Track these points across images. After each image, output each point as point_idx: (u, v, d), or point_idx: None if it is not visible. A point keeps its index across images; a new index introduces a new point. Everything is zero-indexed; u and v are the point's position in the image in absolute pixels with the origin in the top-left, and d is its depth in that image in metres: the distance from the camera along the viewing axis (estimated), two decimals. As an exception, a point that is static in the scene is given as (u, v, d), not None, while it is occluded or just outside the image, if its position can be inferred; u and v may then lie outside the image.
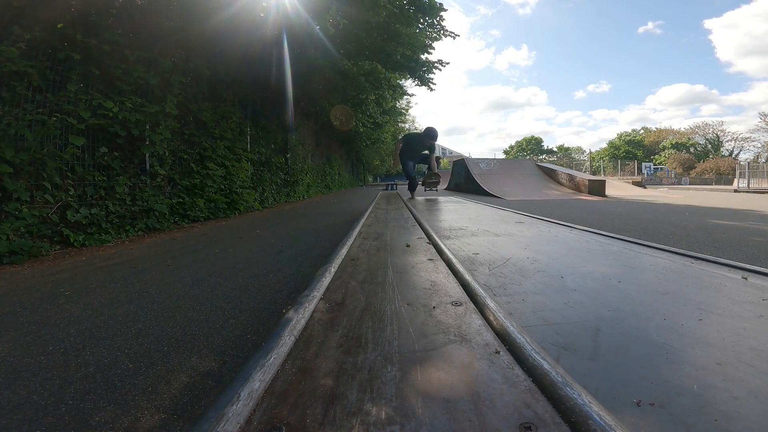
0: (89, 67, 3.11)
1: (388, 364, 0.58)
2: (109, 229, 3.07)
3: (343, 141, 17.25)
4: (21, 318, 1.37)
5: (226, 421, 0.43)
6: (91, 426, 0.77)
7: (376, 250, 1.49)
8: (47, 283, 1.85)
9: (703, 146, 46.91)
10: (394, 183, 18.46)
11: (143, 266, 2.18)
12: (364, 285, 1.01)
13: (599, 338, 0.72)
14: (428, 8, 6.82)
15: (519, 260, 1.39)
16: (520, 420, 0.44)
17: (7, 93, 2.53)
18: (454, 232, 2.12)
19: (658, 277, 1.13)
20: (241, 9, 4.60)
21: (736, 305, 0.88)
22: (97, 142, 3.19)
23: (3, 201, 2.42)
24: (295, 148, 8.88)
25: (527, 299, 0.96)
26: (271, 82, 6.44)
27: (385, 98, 10.39)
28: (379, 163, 37.09)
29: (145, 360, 1.05)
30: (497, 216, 3.03)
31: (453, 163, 15.85)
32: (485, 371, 0.55)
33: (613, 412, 0.44)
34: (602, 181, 9.95)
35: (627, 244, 1.63)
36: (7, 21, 2.59)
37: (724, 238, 2.84)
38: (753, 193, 12.86)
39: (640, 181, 18.72)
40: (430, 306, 0.83)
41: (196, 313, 1.41)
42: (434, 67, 8.31)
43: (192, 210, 4.25)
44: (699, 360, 0.63)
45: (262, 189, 6.56)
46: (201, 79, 4.92)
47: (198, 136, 4.67)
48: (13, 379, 0.94)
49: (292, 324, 0.70)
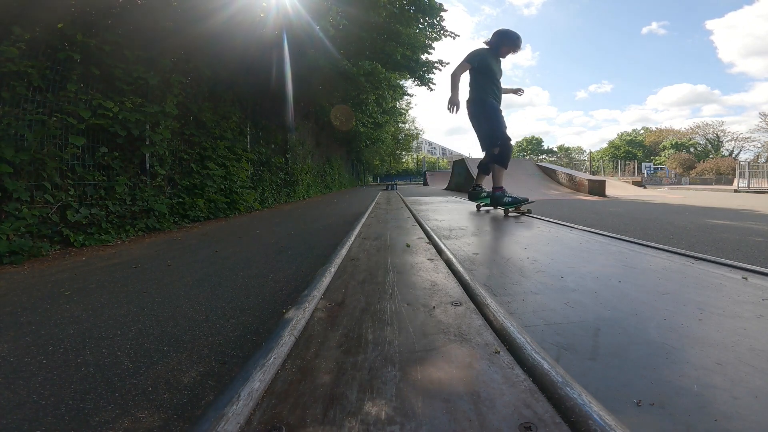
0: (89, 67, 3.11)
1: (388, 364, 0.58)
2: (109, 229, 3.07)
3: (343, 141, 17.25)
4: (21, 318, 1.37)
5: (226, 421, 0.43)
6: (91, 426, 0.77)
7: (376, 250, 1.49)
8: (47, 283, 1.85)
9: (704, 146, 46.93)
10: (394, 183, 18.46)
11: (143, 266, 2.18)
12: (364, 285, 1.01)
13: (599, 338, 0.72)
14: (428, 8, 6.83)
15: (519, 260, 1.39)
16: (520, 420, 0.44)
17: (7, 93, 2.53)
18: (454, 232, 2.12)
19: (658, 277, 1.13)
20: (241, 9, 4.60)
21: (736, 305, 0.88)
22: (97, 142, 3.19)
23: (3, 201, 2.42)
24: (295, 148, 8.88)
25: (527, 299, 0.96)
26: (271, 82, 6.45)
27: (385, 98, 10.39)
28: (379, 163, 37.10)
29: (145, 360, 1.05)
30: (497, 216, 3.03)
31: (453, 163, 15.86)
32: (485, 371, 0.55)
33: (613, 412, 0.44)
34: (602, 181, 9.94)
35: (627, 244, 1.63)
36: (7, 21, 2.59)
37: (724, 238, 2.84)
38: (753, 193, 12.85)
39: (640, 181, 18.73)
40: (430, 306, 0.83)
41: (196, 313, 1.41)
42: (434, 67, 8.32)
43: (192, 210, 4.25)
44: (699, 360, 0.63)
45: (262, 189, 6.56)
46: (201, 79, 4.92)
47: (198, 136, 4.67)
48: (13, 379, 0.94)
49: (292, 324, 0.70)
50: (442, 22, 7.44)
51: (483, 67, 3.07)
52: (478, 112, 3.14)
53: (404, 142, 37.97)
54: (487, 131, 3.13)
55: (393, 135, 23.58)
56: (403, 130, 35.31)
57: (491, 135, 3.11)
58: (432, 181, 23.65)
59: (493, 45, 3.14)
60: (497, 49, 3.13)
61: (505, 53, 3.16)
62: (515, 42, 3.11)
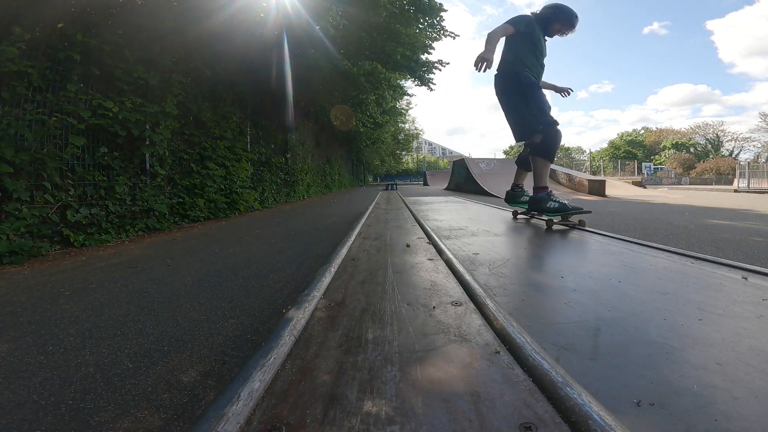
0: (89, 67, 3.11)
1: (388, 364, 0.58)
2: (109, 229, 3.07)
3: (343, 141, 17.25)
4: (21, 318, 1.37)
5: (226, 421, 0.43)
6: (91, 426, 0.77)
7: (376, 250, 1.49)
8: (47, 283, 1.85)
9: (704, 146, 46.94)
10: (394, 183, 18.44)
11: (143, 266, 2.18)
12: (364, 285, 1.01)
13: (599, 338, 0.72)
14: (428, 8, 6.83)
15: (519, 260, 1.39)
16: (520, 420, 0.44)
17: (7, 93, 2.53)
18: (454, 232, 2.12)
19: (658, 277, 1.13)
20: (241, 9, 4.61)
21: (736, 305, 0.87)
22: (97, 142, 3.19)
23: (3, 201, 2.42)
24: (295, 148, 8.88)
25: (527, 299, 0.96)
26: (271, 82, 6.45)
27: (385, 98, 10.41)
28: (379, 163, 37.12)
29: (145, 360, 1.05)
30: (497, 216, 3.03)
31: (453, 163, 15.86)
32: (485, 371, 0.55)
33: (613, 412, 0.44)
34: (602, 181, 9.95)
35: (627, 244, 1.63)
36: (7, 21, 2.59)
37: (724, 238, 2.84)
38: (753, 193, 12.85)
39: (640, 181, 18.73)
40: (430, 306, 0.83)
41: (196, 313, 1.41)
42: (434, 67, 8.33)
43: (192, 210, 4.25)
44: (699, 360, 0.63)
45: (262, 189, 6.56)
46: (201, 79, 4.91)
47: (198, 136, 4.67)
48: (13, 379, 0.94)
49: (292, 324, 0.70)
50: (442, 22, 7.45)
51: (529, 34, 2.42)
52: (510, 87, 2.43)
53: (404, 142, 37.97)
54: (525, 113, 2.41)
55: (393, 135, 23.58)
56: (403, 130, 35.30)
57: (530, 118, 2.39)
58: (432, 181, 23.67)
59: (543, 19, 2.52)
60: (547, 24, 2.53)
61: (555, 31, 2.55)
62: (571, 21, 2.49)
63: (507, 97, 2.49)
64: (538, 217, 2.62)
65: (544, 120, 2.33)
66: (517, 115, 2.47)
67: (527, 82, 2.38)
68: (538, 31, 2.49)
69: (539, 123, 2.35)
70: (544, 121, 2.33)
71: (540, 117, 2.35)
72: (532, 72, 2.43)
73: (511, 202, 2.95)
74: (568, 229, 1.96)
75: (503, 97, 2.53)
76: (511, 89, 2.44)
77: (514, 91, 2.43)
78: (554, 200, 2.36)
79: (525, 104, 2.40)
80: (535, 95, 2.39)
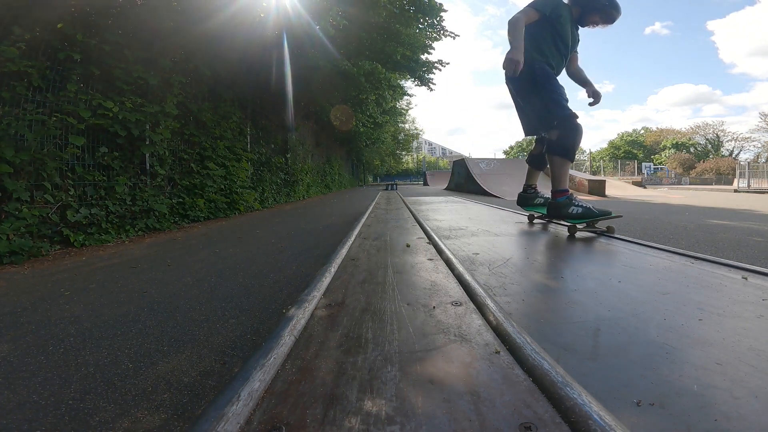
0: (89, 67, 3.11)
1: (388, 364, 0.58)
2: (109, 229, 3.07)
3: (343, 141, 17.26)
4: (21, 318, 1.37)
5: (226, 421, 0.43)
6: (91, 426, 0.77)
7: (376, 250, 1.49)
8: (47, 283, 1.85)
9: (704, 146, 46.95)
10: (394, 183, 18.44)
11: (143, 266, 2.18)
12: (364, 285, 1.01)
13: (599, 338, 0.72)
14: (428, 8, 6.84)
15: (519, 260, 1.39)
16: (520, 420, 0.44)
17: (7, 93, 2.53)
18: (454, 232, 2.12)
19: (658, 277, 1.13)
20: (241, 9, 4.61)
21: (736, 305, 0.87)
22: (97, 142, 3.19)
23: (3, 201, 2.42)
24: (295, 148, 8.88)
25: (527, 299, 0.96)
26: (271, 82, 6.45)
27: (385, 98, 10.40)
28: (379, 163, 37.10)
29: (145, 360, 1.05)
30: (497, 216, 3.03)
31: (453, 163, 15.87)
32: (485, 371, 0.55)
33: (613, 412, 0.44)
34: (602, 181, 9.95)
35: (627, 244, 1.63)
36: (7, 21, 2.59)
37: (724, 238, 2.84)
38: (753, 193, 12.85)
39: (640, 181, 18.73)
40: (430, 306, 0.83)
41: (196, 313, 1.41)
42: (434, 68, 8.33)
43: (192, 210, 4.25)
44: (699, 360, 0.63)
45: (262, 189, 6.56)
46: (201, 79, 4.91)
47: (198, 136, 4.67)
48: (13, 379, 0.94)
49: (292, 324, 0.70)
50: (442, 22, 7.45)
51: (555, 19, 2.12)
52: (522, 77, 2.09)
53: (404, 142, 38.00)
54: (539, 106, 2.14)
55: (393, 135, 23.58)
56: (403, 130, 35.32)
57: (545, 111, 2.11)
58: (432, 181, 23.68)
59: (578, 4, 2.19)
60: (583, 12, 2.19)
61: (589, 21, 2.21)
62: (610, 12, 2.15)
63: (518, 89, 2.26)
64: (557, 222, 2.34)
65: (561, 114, 2.05)
66: (528, 107, 2.24)
67: (541, 73, 2.12)
68: (567, 16, 2.16)
69: (554, 117, 2.07)
70: (560, 115, 2.05)
71: (555, 110, 2.07)
72: (550, 62, 2.17)
73: (524, 205, 2.65)
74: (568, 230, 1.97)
75: (514, 88, 2.29)
76: (523, 80, 2.15)
77: (526, 81, 2.16)
78: (576, 204, 2.05)
79: (538, 96, 2.14)
80: (551, 86, 2.11)
